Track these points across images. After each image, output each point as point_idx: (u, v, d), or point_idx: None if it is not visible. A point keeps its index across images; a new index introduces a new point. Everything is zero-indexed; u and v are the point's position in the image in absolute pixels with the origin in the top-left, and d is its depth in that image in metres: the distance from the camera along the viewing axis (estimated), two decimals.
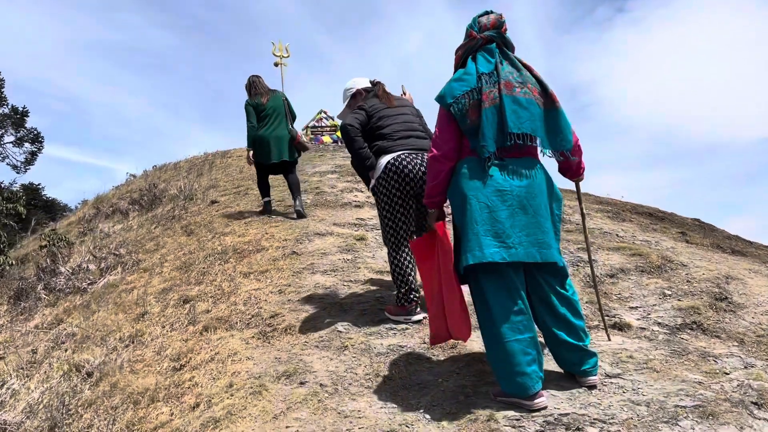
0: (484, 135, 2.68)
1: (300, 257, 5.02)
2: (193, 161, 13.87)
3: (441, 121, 2.80)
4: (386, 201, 3.63)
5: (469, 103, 2.72)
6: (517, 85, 2.75)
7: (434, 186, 2.83)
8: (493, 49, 2.86)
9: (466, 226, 2.69)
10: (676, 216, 8.88)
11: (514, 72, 2.80)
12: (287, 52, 17.21)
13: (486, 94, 2.72)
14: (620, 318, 3.64)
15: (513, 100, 2.71)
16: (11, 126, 27.04)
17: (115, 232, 8.62)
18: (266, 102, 6.77)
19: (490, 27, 2.91)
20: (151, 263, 5.82)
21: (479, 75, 2.76)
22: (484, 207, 2.68)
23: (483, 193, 2.69)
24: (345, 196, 7.48)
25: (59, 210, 25.43)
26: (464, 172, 2.76)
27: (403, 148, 3.65)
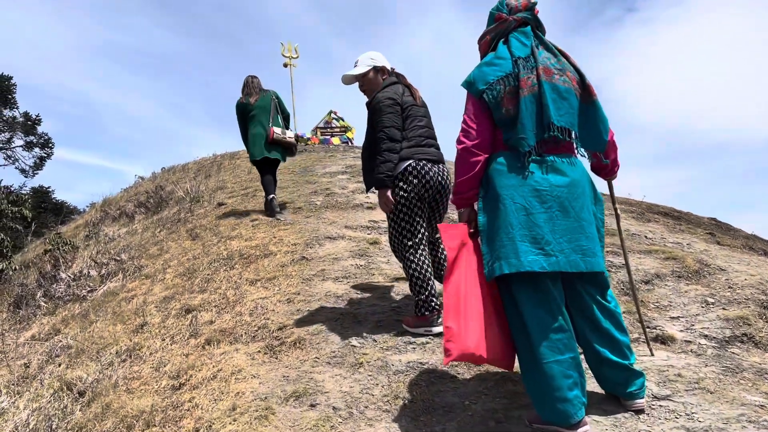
0: (524, 126, 2.37)
1: (310, 263, 4.72)
2: (201, 163, 13.65)
3: (472, 109, 2.48)
4: (404, 202, 3.33)
5: (504, 90, 2.41)
6: (556, 71, 2.45)
7: (465, 181, 2.49)
8: (528, 31, 2.56)
9: (500, 230, 2.37)
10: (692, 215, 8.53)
11: (552, 58, 2.50)
12: (296, 53, 17.00)
13: (524, 80, 2.41)
14: (662, 330, 3.30)
15: (553, 87, 2.41)
16: (21, 130, 26.97)
17: (120, 236, 8.38)
18: (254, 102, 6.82)
19: (522, 9, 2.60)
20: (153, 269, 5.54)
21: (515, 59, 2.45)
22: (520, 209, 2.36)
23: (519, 193, 2.38)
24: (356, 197, 7.17)
25: (68, 213, 25.31)
26: (497, 169, 2.44)
27: (424, 156, 3.37)
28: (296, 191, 7.86)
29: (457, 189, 2.54)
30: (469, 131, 2.46)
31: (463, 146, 2.46)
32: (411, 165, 3.32)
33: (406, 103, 3.44)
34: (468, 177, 2.47)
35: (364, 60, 3.61)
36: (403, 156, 3.34)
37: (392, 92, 3.44)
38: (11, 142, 26.99)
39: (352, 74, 3.59)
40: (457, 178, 2.51)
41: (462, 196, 2.55)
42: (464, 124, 2.49)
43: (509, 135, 2.41)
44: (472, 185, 2.50)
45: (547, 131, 2.37)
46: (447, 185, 3.47)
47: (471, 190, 2.52)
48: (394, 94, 3.43)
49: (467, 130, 2.46)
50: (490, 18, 2.66)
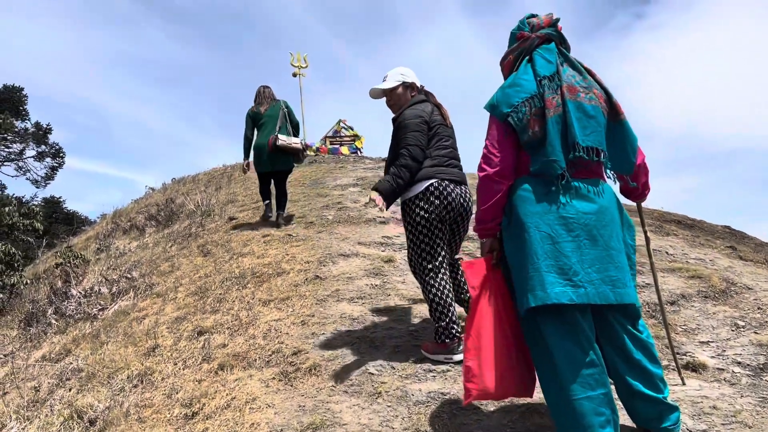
0: (554, 148, 2.26)
1: (324, 282, 4.62)
2: (212, 174, 13.62)
3: (495, 134, 2.38)
4: (424, 223, 3.22)
5: (530, 112, 2.31)
6: (581, 89, 2.34)
7: (488, 209, 2.39)
8: (552, 48, 2.47)
9: (525, 261, 2.27)
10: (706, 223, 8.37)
11: (577, 75, 2.40)
12: (305, 62, 17.01)
13: (549, 100, 2.30)
14: (692, 356, 3.17)
15: (577, 106, 2.31)
16: (33, 141, 27.14)
17: (131, 251, 8.33)
18: (264, 111, 6.89)
19: (545, 25, 2.52)
20: (164, 288, 5.46)
21: (539, 79, 2.35)
22: (546, 238, 2.26)
23: (544, 221, 2.27)
24: (369, 211, 7.07)
25: (80, 223, 25.40)
26: (521, 196, 2.34)
27: (447, 176, 3.27)
28: (308, 205, 7.78)
29: (480, 218, 2.43)
30: (491, 157, 2.36)
31: (485, 174, 2.36)
32: (433, 185, 3.23)
33: (433, 122, 3.35)
34: (490, 205, 2.37)
35: (394, 75, 3.51)
36: (425, 175, 3.25)
37: (421, 110, 3.35)
38: (23, 153, 27.15)
39: (381, 88, 3.50)
40: (480, 206, 2.41)
41: (485, 226, 2.44)
42: (486, 150, 2.39)
43: (537, 159, 2.31)
44: (495, 214, 2.40)
45: (572, 151, 2.27)
46: (469, 207, 3.37)
47: (494, 219, 2.41)
48: (422, 112, 3.35)
49: (489, 157, 2.36)
50: (512, 38, 2.58)
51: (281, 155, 6.71)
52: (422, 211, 3.22)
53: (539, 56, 2.43)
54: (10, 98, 26.26)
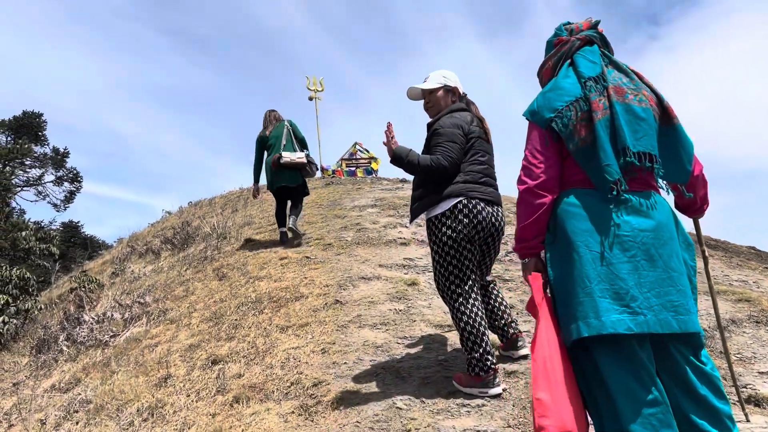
0: (606, 152, 2.02)
1: (344, 307, 4.38)
2: (228, 197, 13.50)
3: (536, 142, 2.15)
4: (451, 243, 2.97)
5: (576, 117, 2.09)
6: (629, 91, 2.12)
7: (529, 226, 2.13)
8: (595, 50, 2.25)
9: (575, 284, 2.02)
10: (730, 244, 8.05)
11: (623, 77, 2.18)
12: (321, 86, 17.01)
13: (596, 102, 2.08)
14: (753, 388, 2.88)
15: (626, 108, 2.08)
16: (52, 166, 27.37)
17: (146, 275, 8.16)
18: (269, 133, 7.06)
19: (584, 29, 2.31)
20: (178, 313, 5.25)
21: (583, 80, 2.13)
22: (598, 258, 2.01)
23: (596, 239, 2.02)
24: (389, 232, 6.84)
25: (97, 247, 25.48)
26: (568, 210, 2.09)
27: (478, 194, 3.02)
28: (325, 226, 7.57)
29: (521, 236, 2.17)
30: (532, 168, 2.12)
31: (526, 186, 2.11)
32: (462, 203, 2.98)
33: (471, 133, 3.11)
34: (532, 221, 2.12)
35: (436, 76, 3.26)
36: (455, 192, 3.00)
37: (460, 119, 3.10)
38: (42, 178, 27.38)
39: (420, 88, 3.25)
40: (520, 223, 2.16)
41: (526, 245, 2.18)
42: (525, 160, 2.16)
43: (589, 168, 2.07)
44: (538, 231, 2.14)
45: (623, 156, 2.03)
46: (500, 227, 3.12)
47: (536, 236, 2.15)
48: (461, 121, 3.09)
49: (529, 168, 2.13)
50: (548, 47, 2.38)
51: (287, 171, 6.82)
52: (449, 230, 2.98)
53: (581, 58, 2.23)
54: (29, 124, 26.56)
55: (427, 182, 3.10)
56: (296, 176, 6.88)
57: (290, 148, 6.91)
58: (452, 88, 3.26)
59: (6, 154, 18.40)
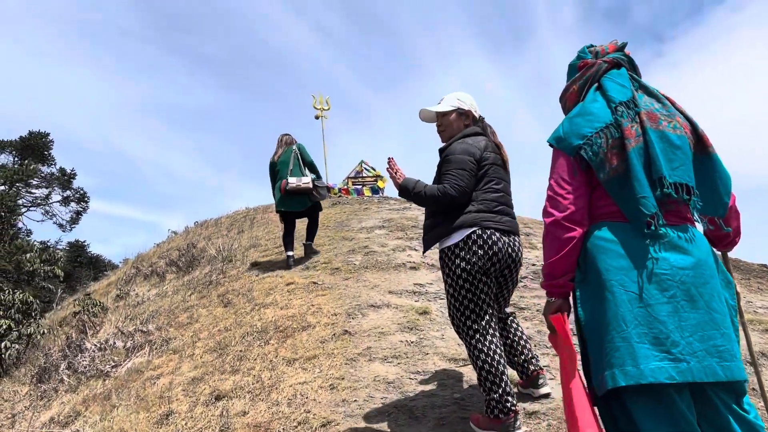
0: (641, 183, 1.86)
1: (353, 338, 4.20)
2: (234, 217, 13.39)
3: (563, 171, 2.00)
4: (465, 276, 2.81)
5: (607, 145, 1.93)
6: (662, 117, 1.96)
7: (557, 263, 1.96)
8: (624, 73, 2.10)
9: (609, 328, 1.85)
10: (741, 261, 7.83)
11: (655, 102, 2.02)
12: (328, 105, 16.97)
13: (628, 129, 1.92)
14: None
15: (660, 136, 1.93)
16: (58, 186, 27.37)
17: (150, 299, 8.01)
18: (278, 158, 7.14)
19: (610, 51, 2.16)
20: (182, 342, 5.09)
21: (614, 105, 1.98)
22: (634, 299, 1.84)
23: (631, 278, 1.86)
24: (398, 255, 6.68)
25: (102, 267, 25.36)
26: (599, 246, 1.93)
27: (493, 224, 2.86)
28: (333, 249, 7.42)
29: (548, 272, 2.00)
30: (559, 200, 1.96)
31: (552, 219, 1.95)
32: (476, 233, 2.82)
33: (485, 160, 2.95)
34: (561, 257, 1.95)
35: (450, 99, 3.12)
36: (468, 222, 2.85)
37: (472, 145, 2.95)
38: (49, 198, 27.38)
39: (433, 110, 3.12)
40: (547, 258, 2.00)
41: (554, 282, 2.01)
42: (551, 190, 2.00)
43: (620, 199, 1.91)
44: (566, 268, 1.98)
45: (659, 188, 1.87)
46: (518, 258, 2.95)
47: (565, 274, 1.99)
48: (473, 147, 2.94)
49: (556, 199, 1.97)
50: (571, 70, 2.24)
51: (295, 196, 6.89)
52: (463, 262, 2.81)
53: (610, 81, 2.08)
54: (36, 144, 26.61)
55: (439, 211, 2.95)
56: (304, 201, 6.93)
57: (297, 173, 6.97)
58: (465, 111, 3.11)
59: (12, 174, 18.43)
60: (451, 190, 2.83)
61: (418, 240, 7.45)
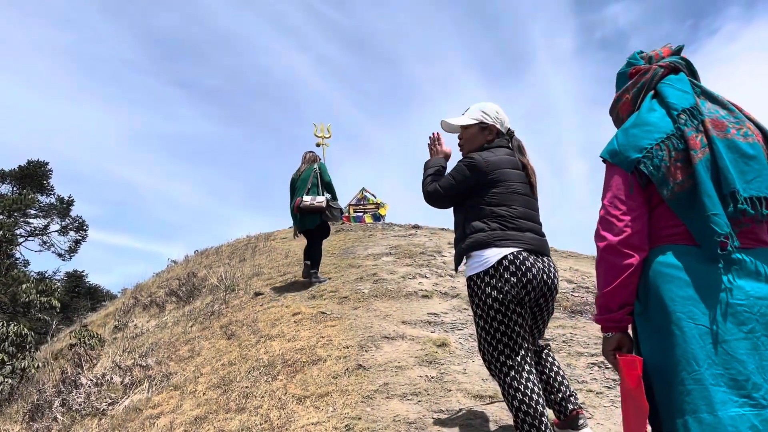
0: (713, 201, 1.63)
1: (368, 373, 3.91)
2: (235, 245, 13.14)
3: (618, 189, 1.77)
4: (497, 307, 2.55)
5: (670, 157, 1.70)
6: (730, 124, 1.73)
7: (612, 293, 1.73)
8: (683, 78, 1.87)
9: (678, 368, 1.59)
10: None
11: (720, 109, 1.78)
12: (329, 133, 16.89)
13: (692, 138, 1.69)
14: None
15: (729, 145, 1.70)
16: (57, 215, 27.15)
17: (149, 330, 7.72)
18: (299, 176, 7.23)
19: (665, 55, 1.94)
20: (183, 378, 4.79)
21: (676, 113, 1.75)
22: (707, 334, 1.59)
23: (702, 310, 1.61)
24: (408, 283, 6.40)
25: (101, 298, 25.01)
26: (662, 273, 1.68)
27: (522, 244, 2.61)
28: (340, 277, 7.15)
29: (603, 304, 1.77)
30: (614, 221, 1.74)
31: (606, 244, 1.73)
32: (508, 258, 2.57)
33: (501, 174, 2.71)
34: (617, 286, 1.71)
35: (474, 111, 2.90)
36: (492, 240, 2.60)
37: (482, 157, 2.74)
38: (48, 227, 27.13)
39: (454, 123, 2.92)
40: (602, 288, 1.76)
41: (610, 316, 1.76)
42: (604, 210, 1.77)
43: (690, 218, 1.68)
44: (625, 299, 1.74)
45: (731, 204, 1.63)
46: (554, 285, 2.69)
47: (623, 306, 1.75)
48: (479, 157, 2.74)
49: (610, 220, 1.74)
50: (621, 78, 2.03)
51: (308, 214, 6.94)
52: (494, 290, 2.55)
53: (669, 87, 1.85)
54: (34, 173, 26.48)
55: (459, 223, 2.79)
56: (315, 218, 6.97)
57: (314, 192, 7.06)
58: (489, 125, 2.88)
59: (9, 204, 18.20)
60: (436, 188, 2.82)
61: (428, 267, 7.19)
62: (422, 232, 11.18)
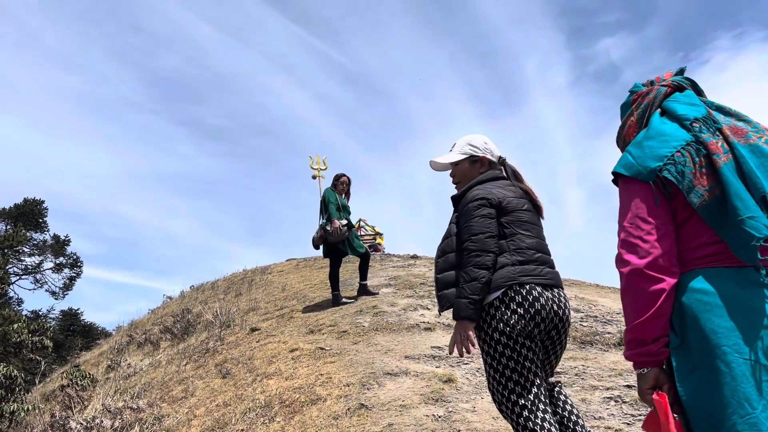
0: (746, 203, 1.46)
1: (371, 413, 3.70)
2: (231, 279, 12.92)
3: (638, 206, 1.58)
4: (505, 341, 2.36)
5: (694, 163, 1.55)
6: (750, 131, 1.58)
7: (645, 324, 1.52)
8: (690, 93, 1.75)
9: (727, 409, 1.41)
10: None
11: (736, 120, 1.64)
12: (325, 165, 16.77)
13: (713, 143, 1.55)
14: None
15: (753, 149, 1.55)
16: (51, 253, 26.88)
17: (142, 369, 7.46)
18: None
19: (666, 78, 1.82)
20: (176, 420, 4.55)
21: (688, 122, 1.62)
22: (761, 370, 1.41)
23: (751, 341, 1.43)
24: (410, 315, 6.20)
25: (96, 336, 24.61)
26: (700, 300, 1.49)
27: (533, 278, 2.44)
28: (338, 311, 6.93)
29: (635, 337, 1.55)
30: (638, 243, 1.54)
31: (631, 268, 1.53)
32: (514, 289, 2.40)
33: (508, 204, 2.56)
34: (649, 318, 1.51)
35: (461, 146, 2.77)
36: (503, 277, 2.43)
37: (487, 191, 2.56)
38: (41, 265, 26.83)
39: (443, 161, 2.77)
40: (631, 320, 1.55)
41: (644, 350, 1.55)
42: (625, 233, 1.58)
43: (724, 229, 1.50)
44: (659, 331, 1.53)
45: (765, 209, 1.46)
46: (565, 316, 2.51)
47: (658, 338, 1.53)
48: (488, 193, 2.54)
49: (634, 242, 1.55)
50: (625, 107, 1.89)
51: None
52: (500, 323, 2.37)
53: (675, 103, 1.72)
54: (30, 211, 26.31)
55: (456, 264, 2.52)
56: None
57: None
58: (479, 158, 2.75)
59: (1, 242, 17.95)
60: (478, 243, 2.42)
61: (429, 298, 6.99)
62: (421, 261, 10.99)
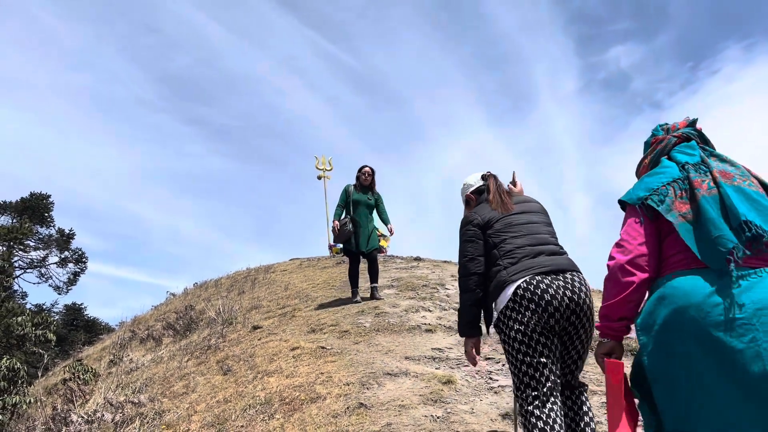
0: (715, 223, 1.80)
1: (370, 412, 3.72)
2: (234, 277, 12.97)
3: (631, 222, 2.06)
4: (521, 338, 2.45)
5: (675, 194, 1.97)
6: (736, 175, 1.97)
7: (613, 306, 1.99)
8: (693, 145, 2.17)
9: (687, 381, 1.77)
10: None
11: (728, 165, 2.04)
12: (330, 166, 16.81)
13: (697, 181, 1.95)
14: None
15: (736, 189, 1.90)
16: (56, 247, 26.99)
17: (144, 365, 7.50)
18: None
19: (681, 127, 2.27)
20: (176, 416, 4.58)
21: (682, 164, 2.07)
22: (708, 341, 1.71)
23: (703, 318, 1.71)
24: (411, 317, 6.22)
25: (99, 331, 24.70)
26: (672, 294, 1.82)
27: (535, 270, 2.52)
28: (340, 311, 6.97)
29: (605, 313, 2.04)
30: (625, 245, 2.00)
31: (615, 262, 1.99)
32: (521, 287, 2.46)
33: (492, 216, 2.80)
34: (618, 301, 1.96)
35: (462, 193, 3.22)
36: (508, 277, 2.52)
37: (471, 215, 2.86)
38: (46, 259, 26.95)
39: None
40: (605, 300, 2.03)
41: (608, 324, 2.04)
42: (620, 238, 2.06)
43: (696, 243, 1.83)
44: (624, 313, 1.99)
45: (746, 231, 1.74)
46: (581, 300, 2.53)
47: (621, 319, 2.01)
48: (472, 215, 2.86)
49: (623, 245, 2.01)
50: (646, 147, 2.35)
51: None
52: (516, 323, 2.47)
53: (678, 152, 2.15)
54: (36, 205, 26.43)
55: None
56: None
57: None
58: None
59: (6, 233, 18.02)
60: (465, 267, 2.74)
61: (431, 300, 7.02)
62: (424, 264, 11.01)
